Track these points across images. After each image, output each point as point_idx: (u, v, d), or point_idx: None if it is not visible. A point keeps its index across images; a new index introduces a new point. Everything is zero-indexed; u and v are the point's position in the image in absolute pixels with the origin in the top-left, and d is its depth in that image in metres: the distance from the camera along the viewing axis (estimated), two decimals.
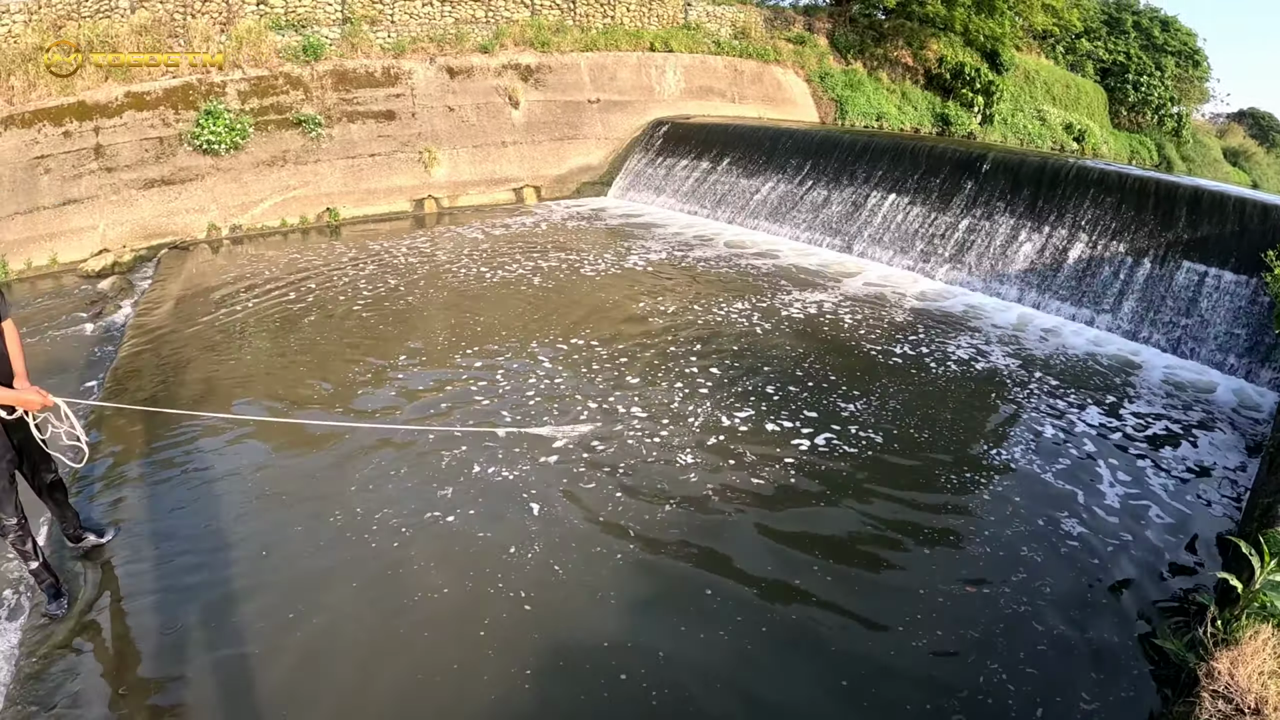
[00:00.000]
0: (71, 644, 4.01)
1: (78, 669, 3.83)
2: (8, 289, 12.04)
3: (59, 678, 3.78)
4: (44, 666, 3.86)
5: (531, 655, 3.91)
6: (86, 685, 3.72)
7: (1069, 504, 5.54)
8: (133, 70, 13.83)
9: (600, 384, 7.22)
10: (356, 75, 15.08)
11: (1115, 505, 5.56)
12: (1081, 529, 5.23)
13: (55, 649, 3.97)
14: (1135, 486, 5.83)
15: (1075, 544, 5.07)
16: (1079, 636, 4.21)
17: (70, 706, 3.59)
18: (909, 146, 12.75)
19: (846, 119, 20.51)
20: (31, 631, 4.15)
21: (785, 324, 8.99)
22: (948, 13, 21.43)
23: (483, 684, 3.72)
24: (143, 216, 13.37)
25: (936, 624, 4.25)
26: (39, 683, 3.75)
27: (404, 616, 4.15)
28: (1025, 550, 4.95)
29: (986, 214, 11.01)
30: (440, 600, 4.27)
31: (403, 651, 3.91)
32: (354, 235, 13.65)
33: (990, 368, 8.01)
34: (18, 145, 12.88)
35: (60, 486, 4.49)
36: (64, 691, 3.68)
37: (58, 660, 3.89)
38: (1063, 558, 4.90)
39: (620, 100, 17.29)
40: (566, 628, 4.16)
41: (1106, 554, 4.98)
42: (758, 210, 13.94)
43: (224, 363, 7.82)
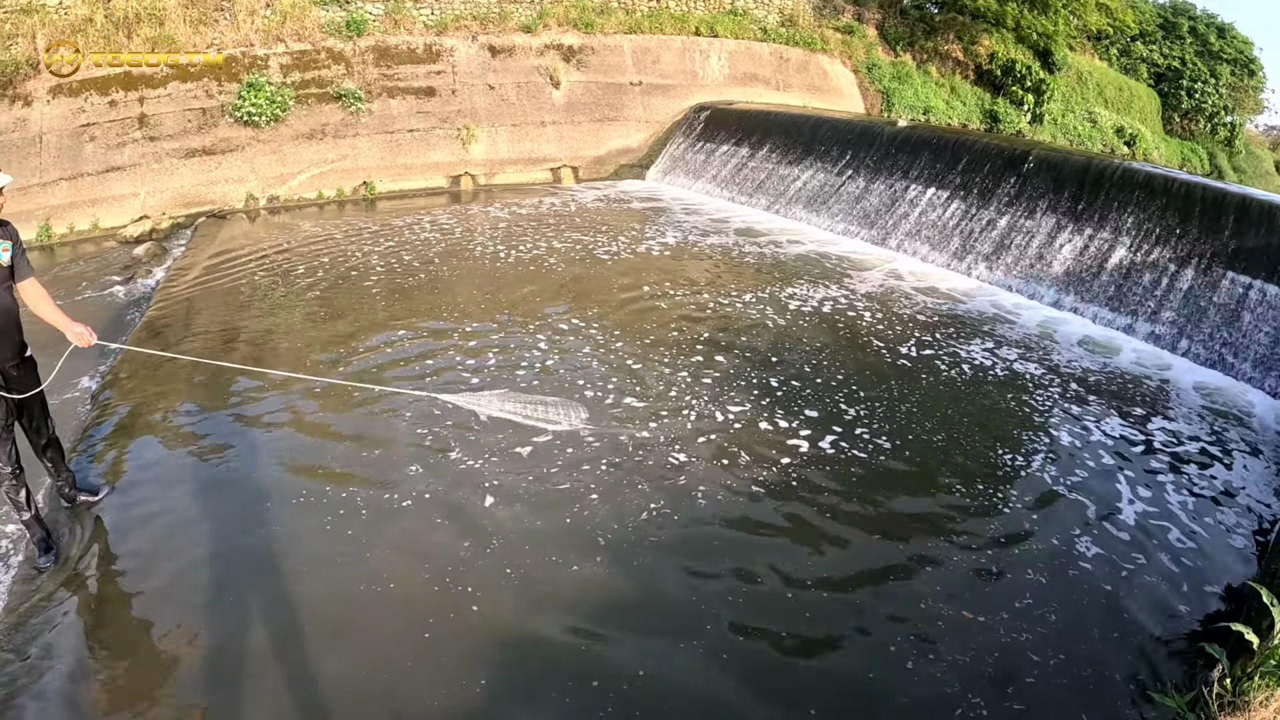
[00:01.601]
0: (54, 597, 4.13)
1: (56, 621, 3.95)
2: (50, 251, 12.15)
3: (37, 628, 3.90)
4: (25, 617, 3.98)
5: (479, 664, 3.75)
6: (61, 638, 3.84)
7: (1084, 524, 5.15)
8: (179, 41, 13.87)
9: (598, 369, 7.07)
10: (398, 51, 15.06)
11: (1131, 526, 5.17)
12: (1096, 550, 4.88)
13: (39, 601, 4.09)
14: (1155, 506, 5.45)
15: (1086, 568, 4.70)
16: (1073, 679, 3.88)
17: (43, 657, 3.70)
18: (951, 140, 12.45)
19: (893, 111, 20.07)
20: (19, 583, 4.28)
21: (810, 316, 8.75)
22: (999, 8, 20.92)
23: (419, 687, 3.61)
24: (183, 185, 13.46)
25: (927, 650, 3.96)
26: (17, 632, 3.87)
27: (352, 606, 4.08)
28: (1031, 573, 4.61)
29: (1027, 212, 10.67)
30: (386, 595, 4.16)
31: (346, 642, 3.84)
32: (390, 209, 13.72)
33: (1017, 372, 7.61)
34: (65, 113, 13.03)
35: (56, 445, 4.61)
36: (40, 642, 3.80)
37: (40, 612, 4.02)
38: (1070, 585, 4.55)
39: (662, 84, 17.08)
40: (515, 638, 3.94)
41: (1116, 583, 4.60)
42: (794, 198, 13.75)
43: (241, 329, 7.91)
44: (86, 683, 3.60)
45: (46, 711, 3.45)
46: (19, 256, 4.13)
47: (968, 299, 9.62)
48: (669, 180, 16.27)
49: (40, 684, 3.59)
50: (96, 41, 13.42)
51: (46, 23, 13.38)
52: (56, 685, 3.58)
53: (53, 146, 12.95)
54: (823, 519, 5.01)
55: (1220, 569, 4.83)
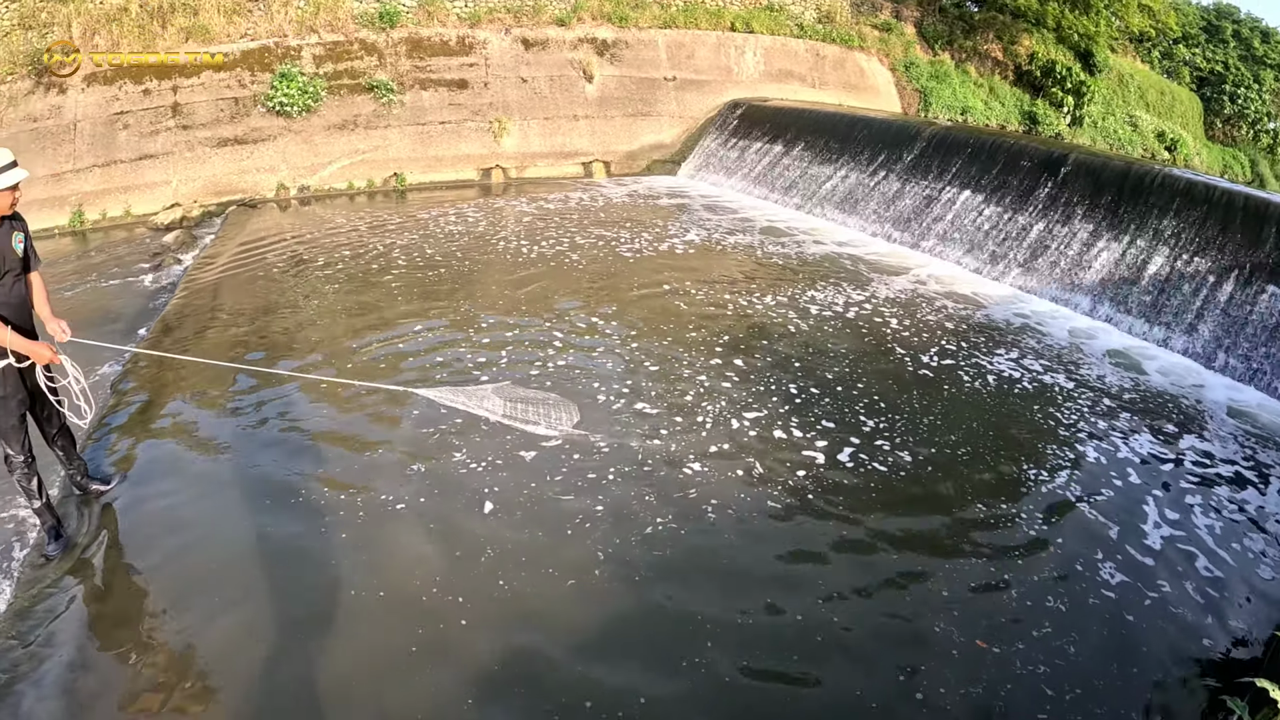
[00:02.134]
0: (60, 584, 4.14)
1: (59, 609, 3.96)
2: (83, 237, 12.13)
3: (41, 616, 3.91)
4: (31, 604, 4.00)
5: (465, 682, 3.59)
6: (63, 625, 3.85)
7: (1108, 548, 4.85)
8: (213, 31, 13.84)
9: (612, 371, 6.86)
10: (431, 43, 14.98)
11: (1156, 552, 4.87)
12: (1119, 577, 4.58)
13: (45, 588, 4.11)
14: (1181, 531, 5.12)
15: (1108, 597, 4.41)
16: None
17: (44, 645, 3.72)
18: (987, 142, 12.16)
19: (930, 111, 19.76)
20: (27, 569, 4.31)
21: (834, 320, 8.45)
22: (1040, 7, 20.52)
23: (400, 702, 3.49)
24: (214, 174, 13.44)
25: (937, 681, 3.73)
26: (22, 619, 3.89)
27: (342, 613, 3.97)
28: (1051, 601, 4.33)
29: (1063, 218, 10.35)
30: (376, 603, 4.04)
31: (334, 650, 3.75)
32: (419, 201, 13.69)
33: (1046, 384, 7.24)
34: (99, 101, 13.05)
35: (67, 434, 4.65)
36: (42, 630, 3.81)
37: (45, 599, 4.03)
38: (1089, 615, 4.25)
39: (697, 79, 16.86)
40: (503, 656, 3.75)
41: (1138, 614, 4.30)
42: (827, 198, 13.51)
43: (259, 322, 7.86)
44: (85, 673, 3.59)
45: (44, 699, 3.44)
46: (30, 247, 4.21)
47: (999, 306, 9.31)
48: (701, 177, 16.11)
49: (40, 671, 3.58)
50: (131, 31, 13.44)
51: (82, 12, 13.41)
52: (56, 674, 3.57)
53: (86, 134, 12.96)
54: (836, 538, 4.77)
55: (1246, 605, 4.52)
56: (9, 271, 4.02)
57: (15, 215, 4.12)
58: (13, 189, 3.93)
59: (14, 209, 4.06)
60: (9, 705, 3.39)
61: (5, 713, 3.36)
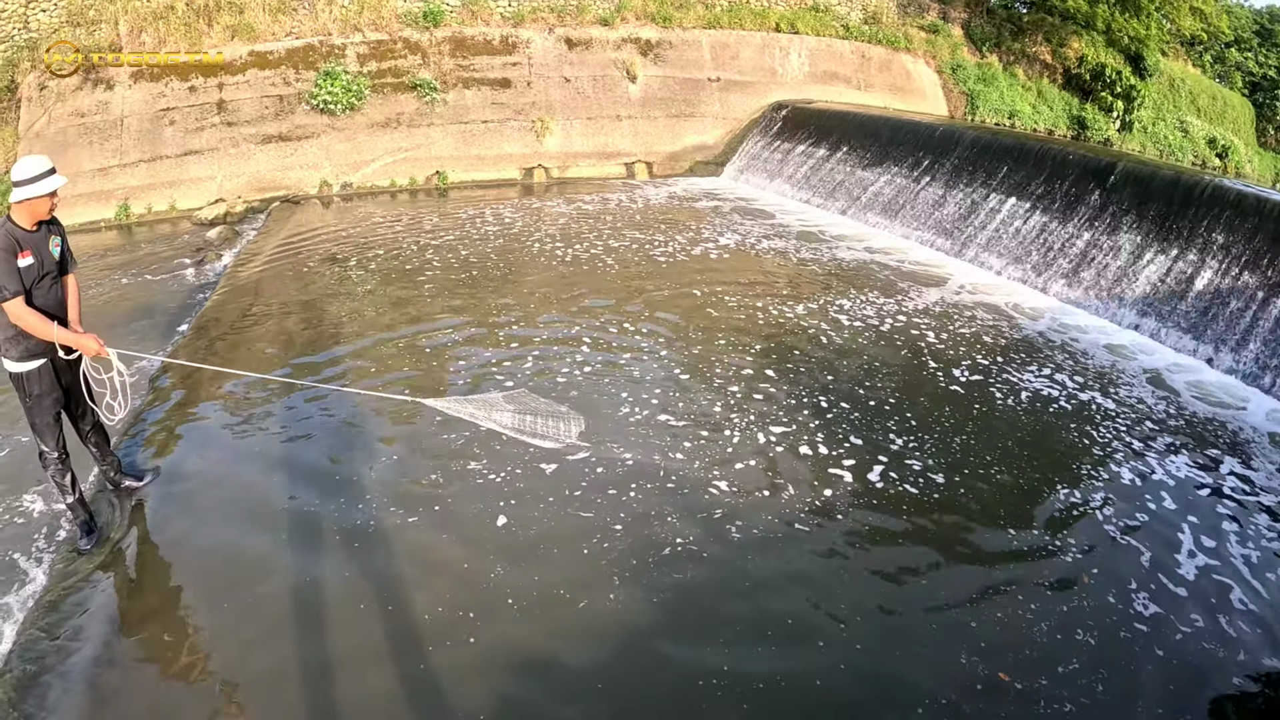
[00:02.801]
0: (90, 579, 4.18)
1: (88, 603, 3.99)
2: (128, 230, 12.12)
3: (70, 609, 3.95)
4: (61, 597, 4.05)
5: (471, 706, 3.46)
6: (91, 620, 3.88)
7: (1141, 578, 4.57)
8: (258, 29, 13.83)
9: (640, 379, 6.65)
10: (474, 43, 14.90)
11: (1190, 582, 4.57)
12: (1152, 609, 4.30)
13: (76, 582, 4.16)
14: (1217, 560, 4.81)
15: (1140, 630, 4.14)
16: None
17: (71, 638, 3.75)
18: (1034, 148, 11.84)
19: (977, 115, 19.34)
20: (59, 563, 4.37)
21: (872, 331, 8.13)
22: (1090, 9, 20.04)
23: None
24: (258, 170, 13.43)
25: (955, 717, 3.54)
26: (52, 612, 3.94)
27: (349, 627, 3.88)
28: (1080, 634, 4.06)
29: (1110, 228, 9.98)
30: (383, 617, 3.94)
31: (343, 663, 3.66)
32: (460, 200, 13.71)
33: (1087, 403, 6.81)
34: (146, 97, 13.10)
35: (100, 431, 4.72)
36: (70, 623, 3.85)
37: (75, 593, 4.08)
38: (1120, 650, 3.99)
39: (741, 80, 16.63)
40: (511, 678, 3.63)
41: (1169, 649, 4.02)
42: (870, 203, 13.23)
43: (298, 319, 7.86)
44: (110, 668, 3.61)
45: (69, 692, 3.46)
46: (67, 250, 4.30)
47: (1041, 319, 8.95)
48: (744, 179, 15.92)
49: (66, 665, 3.60)
50: (177, 29, 13.48)
51: (129, 10, 13.43)
52: (81, 667, 3.59)
53: (133, 129, 13.00)
54: (862, 563, 4.55)
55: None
56: (47, 274, 4.10)
57: (53, 220, 4.20)
58: (50, 195, 4.01)
59: (51, 214, 4.14)
60: (35, 696, 3.43)
61: (32, 703, 3.39)
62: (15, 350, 4.07)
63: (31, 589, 4.26)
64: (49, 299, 4.10)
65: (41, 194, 3.93)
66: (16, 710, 3.35)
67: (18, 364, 4.10)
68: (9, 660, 3.66)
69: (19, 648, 3.73)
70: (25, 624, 3.91)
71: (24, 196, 3.91)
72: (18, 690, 3.46)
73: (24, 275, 3.93)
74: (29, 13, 13.39)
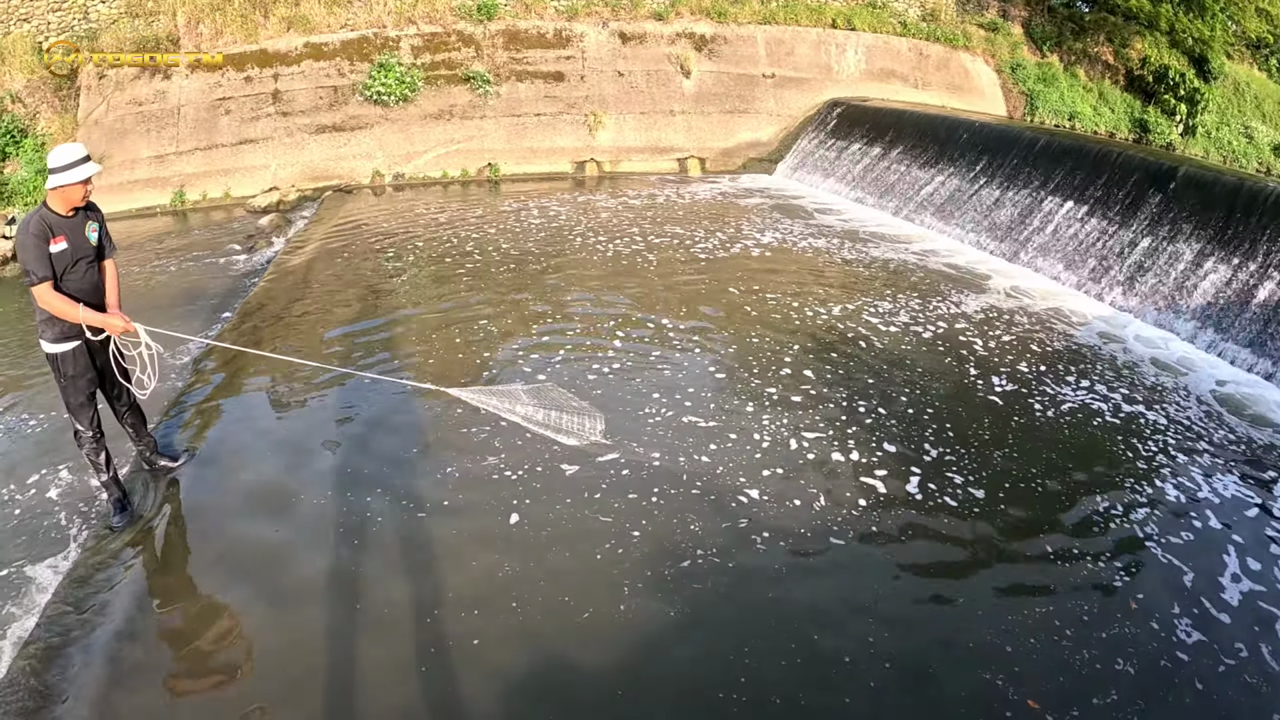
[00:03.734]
0: (119, 556, 4.24)
1: (116, 580, 4.05)
2: (183, 216, 12.09)
3: (98, 585, 4.01)
4: (90, 572, 4.12)
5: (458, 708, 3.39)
6: (117, 596, 3.94)
7: (1185, 603, 4.26)
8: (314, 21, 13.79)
9: (671, 379, 6.43)
10: (528, 36, 14.77)
11: (1234, 608, 4.26)
12: (1196, 637, 4.00)
13: (106, 558, 4.22)
14: (1263, 585, 4.47)
15: (1181, 659, 3.85)
16: None
17: (97, 613, 3.81)
18: (1093, 150, 11.44)
19: (1036, 115, 18.81)
20: (91, 539, 4.45)
21: (918, 335, 7.73)
22: (1153, 8, 19.38)
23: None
24: (312, 159, 13.38)
25: None
26: (81, 586, 4.01)
27: (346, 628, 3.80)
28: (1120, 663, 3.79)
29: (1170, 235, 9.53)
30: (379, 619, 3.85)
31: (338, 666, 3.57)
32: (511, 192, 13.66)
33: (1140, 417, 6.35)
34: (202, 87, 13.12)
35: (136, 411, 4.80)
36: (97, 599, 3.91)
37: (104, 569, 4.14)
38: (1158, 681, 3.71)
39: (796, 77, 16.32)
40: (507, 693, 3.48)
41: (1210, 682, 3.72)
42: (924, 204, 12.90)
43: (341, 306, 7.87)
44: (132, 643, 3.65)
45: (90, 665, 3.51)
46: (105, 235, 4.38)
47: (1094, 326, 8.52)
48: (797, 177, 15.66)
49: (90, 638, 3.65)
50: (234, 20, 13.51)
51: (187, 1, 13.44)
52: (104, 642, 3.63)
53: (189, 118, 13.01)
54: (892, 579, 4.31)
55: None
56: (83, 259, 4.18)
57: (90, 205, 4.29)
58: (84, 182, 4.07)
59: (86, 200, 4.20)
60: (58, 667, 3.48)
61: (54, 674, 3.44)
62: (51, 332, 4.17)
63: (64, 562, 4.35)
64: (84, 283, 4.19)
65: (75, 181, 4.01)
66: (39, 680, 3.41)
67: (53, 345, 4.20)
68: (36, 631, 3.72)
69: (46, 620, 3.78)
70: (54, 597, 3.97)
71: (58, 183, 3.99)
72: (41, 661, 3.51)
73: (55, 260, 4.03)
74: (89, 4, 13.55)
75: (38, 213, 4.02)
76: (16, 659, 3.56)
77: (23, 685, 3.38)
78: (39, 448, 5.63)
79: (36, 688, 3.37)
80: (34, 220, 3.99)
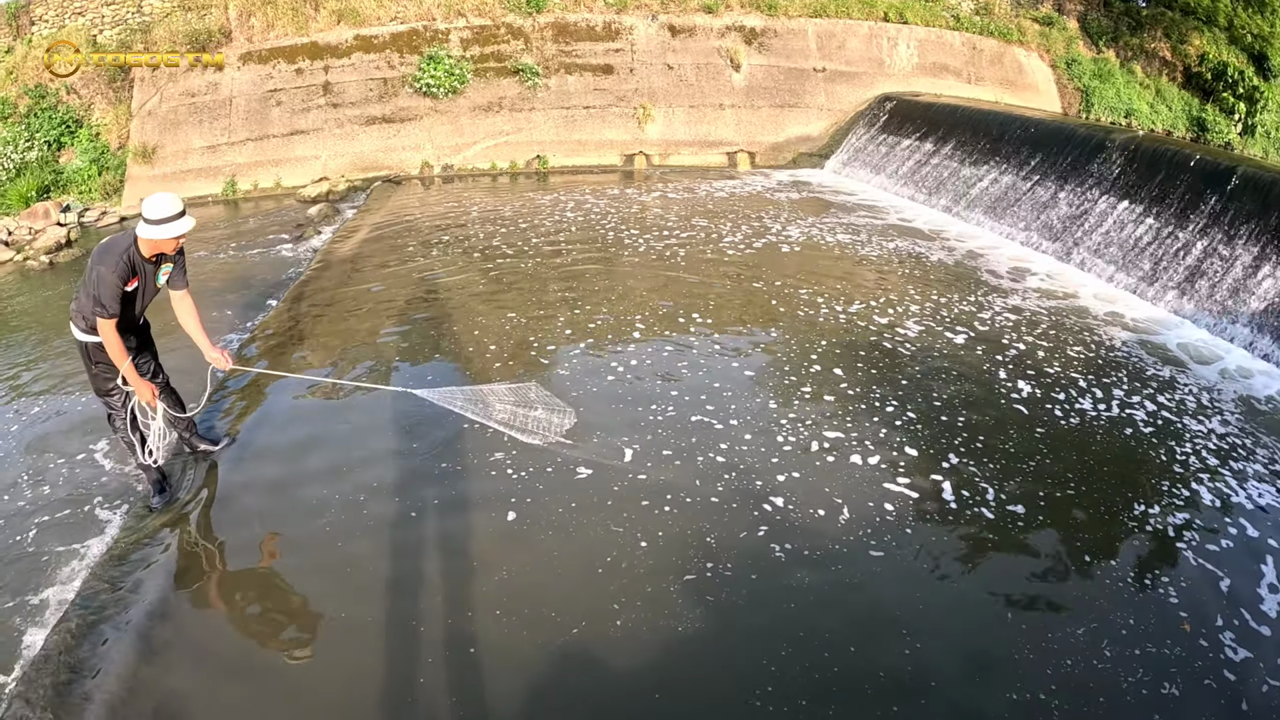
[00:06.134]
0: (156, 536, 4.29)
1: (151, 559, 4.10)
2: (235, 205, 12.05)
3: (134, 564, 4.07)
4: (127, 551, 4.18)
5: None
6: (151, 575, 3.99)
7: (1227, 615, 3.98)
8: (364, 14, 13.73)
9: (694, 377, 6.20)
10: (577, 28, 14.65)
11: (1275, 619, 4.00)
12: (1243, 653, 3.73)
13: (143, 538, 4.28)
14: None
15: (1227, 680, 3.56)
16: None
17: (131, 590, 3.87)
18: (1149, 148, 11.08)
19: (1092, 112, 18.30)
20: (130, 519, 4.54)
21: (962, 336, 7.33)
22: (1210, 3, 18.76)
23: None
24: (361, 150, 13.33)
25: None
26: (117, 565, 4.08)
27: (389, 614, 3.76)
28: (1166, 688, 3.50)
29: (1227, 238, 9.12)
30: (426, 605, 3.82)
31: (363, 661, 3.51)
32: (561, 184, 13.66)
33: (1193, 428, 5.91)
34: (254, 79, 13.11)
35: (172, 393, 4.80)
36: (132, 577, 3.96)
37: (141, 548, 4.20)
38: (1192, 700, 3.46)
39: (847, 71, 16.03)
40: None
41: (1254, 703, 3.47)
42: (975, 202, 12.60)
43: (384, 300, 7.81)
44: (163, 621, 3.69)
45: (121, 642, 3.55)
46: (179, 271, 4.42)
47: (1149, 331, 8.08)
48: (847, 173, 15.42)
49: (123, 616, 3.69)
50: (285, 13, 13.49)
51: None
52: (136, 620, 3.67)
53: (241, 109, 13.00)
54: (919, 595, 4.02)
55: None
56: (146, 297, 4.35)
57: (179, 253, 4.38)
58: (176, 238, 4.13)
59: (176, 250, 4.27)
60: (90, 642, 3.53)
61: (86, 649, 3.48)
62: (82, 321, 4.22)
63: (102, 541, 4.41)
64: (132, 312, 4.32)
65: (166, 237, 4.06)
66: (71, 656, 3.45)
67: (83, 334, 4.26)
68: (71, 607, 3.77)
69: (81, 597, 3.84)
70: (90, 574, 4.04)
71: (150, 236, 4.04)
72: (75, 636, 3.55)
73: (123, 299, 4.14)
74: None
75: (126, 251, 4.06)
76: (51, 634, 3.62)
77: (56, 659, 3.43)
78: (84, 426, 5.69)
79: (69, 662, 3.42)
80: (121, 261, 4.03)
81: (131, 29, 13.45)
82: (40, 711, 3.20)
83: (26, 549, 4.40)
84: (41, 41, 13.45)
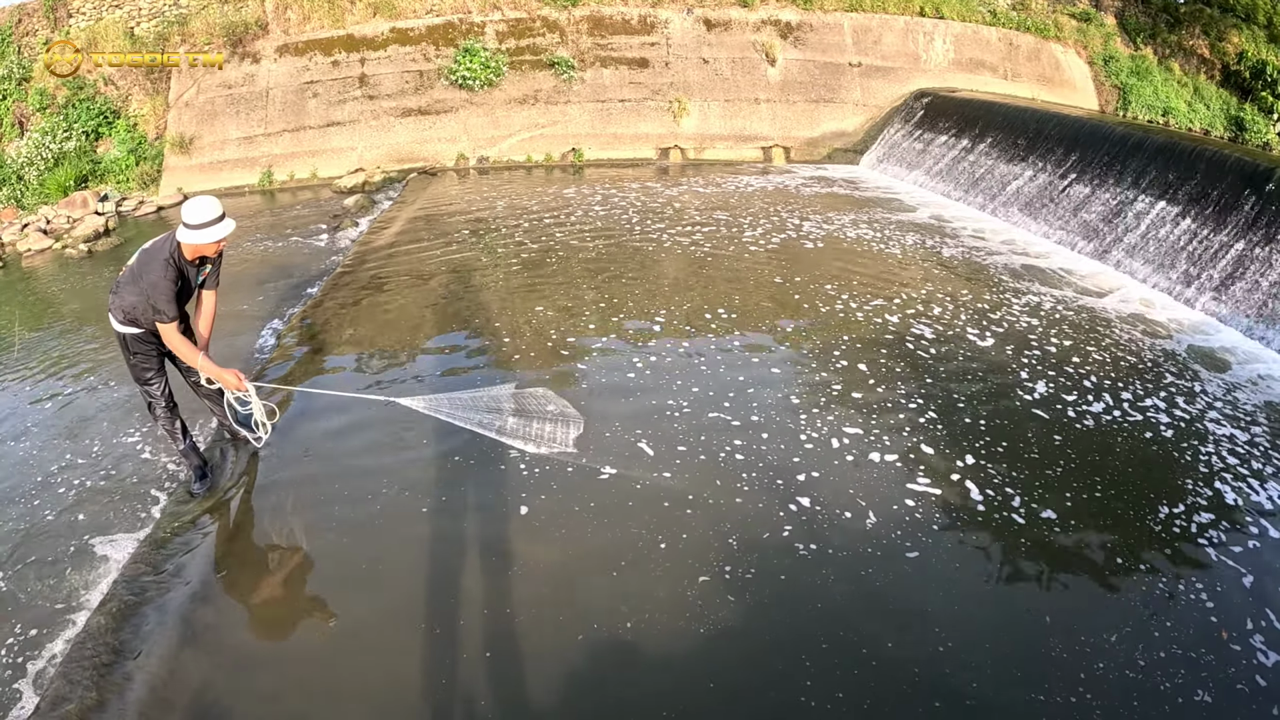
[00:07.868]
0: (198, 522, 4.35)
1: (192, 544, 4.17)
2: (271, 196, 12.01)
3: (176, 549, 4.14)
4: (169, 536, 4.25)
5: None
6: (193, 560, 4.05)
7: (1260, 622, 3.86)
8: (399, 6, 13.69)
9: (715, 375, 6.09)
10: (612, 22, 14.57)
11: None
12: (1275, 659, 3.64)
13: (185, 523, 4.34)
14: None
15: (1260, 686, 3.48)
16: None
17: (172, 575, 3.93)
18: (1186, 148, 10.86)
19: (1129, 110, 18.03)
20: (173, 504, 4.59)
21: (990, 336, 7.15)
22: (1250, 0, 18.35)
23: None
24: (397, 142, 13.27)
25: None
26: (159, 549, 4.14)
27: (423, 606, 3.77)
28: (1199, 694, 3.42)
29: (1265, 239, 8.90)
30: (457, 604, 3.78)
31: (399, 653, 3.51)
32: (596, 176, 13.62)
33: (1229, 434, 5.68)
34: (290, 71, 13.08)
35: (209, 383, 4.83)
36: (174, 561, 4.03)
37: (182, 534, 4.26)
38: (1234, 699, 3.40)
39: (882, 66, 15.86)
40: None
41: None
42: (1011, 200, 12.47)
43: (418, 292, 7.82)
44: (204, 604, 3.74)
45: (164, 624, 3.60)
46: (214, 272, 4.47)
47: (1185, 335, 7.81)
48: (882, 169, 15.27)
49: (165, 599, 3.75)
50: (321, 6, 13.51)
51: None
52: (178, 603, 3.73)
53: (278, 101, 12.98)
54: (951, 595, 3.93)
55: None
56: (186, 302, 4.37)
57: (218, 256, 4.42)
58: (217, 241, 4.17)
59: (217, 254, 4.34)
60: (133, 624, 3.58)
61: (128, 631, 3.54)
62: (120, 313, 4.26)
63: (145, 526, 4.46)
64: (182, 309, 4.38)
65: (206, 242, 4.10)
66: (114, 636, 3.50)
67: (121, 326, 4.31)
68: (114, 589, 3.83)
69: (124, 579, 3.89)
70: (133, 558, 4.09)
71: (191, 240, 4.08)
72: (117, 619, 3.61)
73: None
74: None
75: (171, 254, 4.11)
76: (94, 615, 3.66)
77: (99, 640, 3.48)
78: (127, 412, 5.74)
79: (111, 644, 3.47)
80: (168, 267, 4.08)
81: (169, 21, 13.47)
82: (83, 690, 3.22)
83: (68, 532, 4.44)
84: (80, 34, 13.49)
